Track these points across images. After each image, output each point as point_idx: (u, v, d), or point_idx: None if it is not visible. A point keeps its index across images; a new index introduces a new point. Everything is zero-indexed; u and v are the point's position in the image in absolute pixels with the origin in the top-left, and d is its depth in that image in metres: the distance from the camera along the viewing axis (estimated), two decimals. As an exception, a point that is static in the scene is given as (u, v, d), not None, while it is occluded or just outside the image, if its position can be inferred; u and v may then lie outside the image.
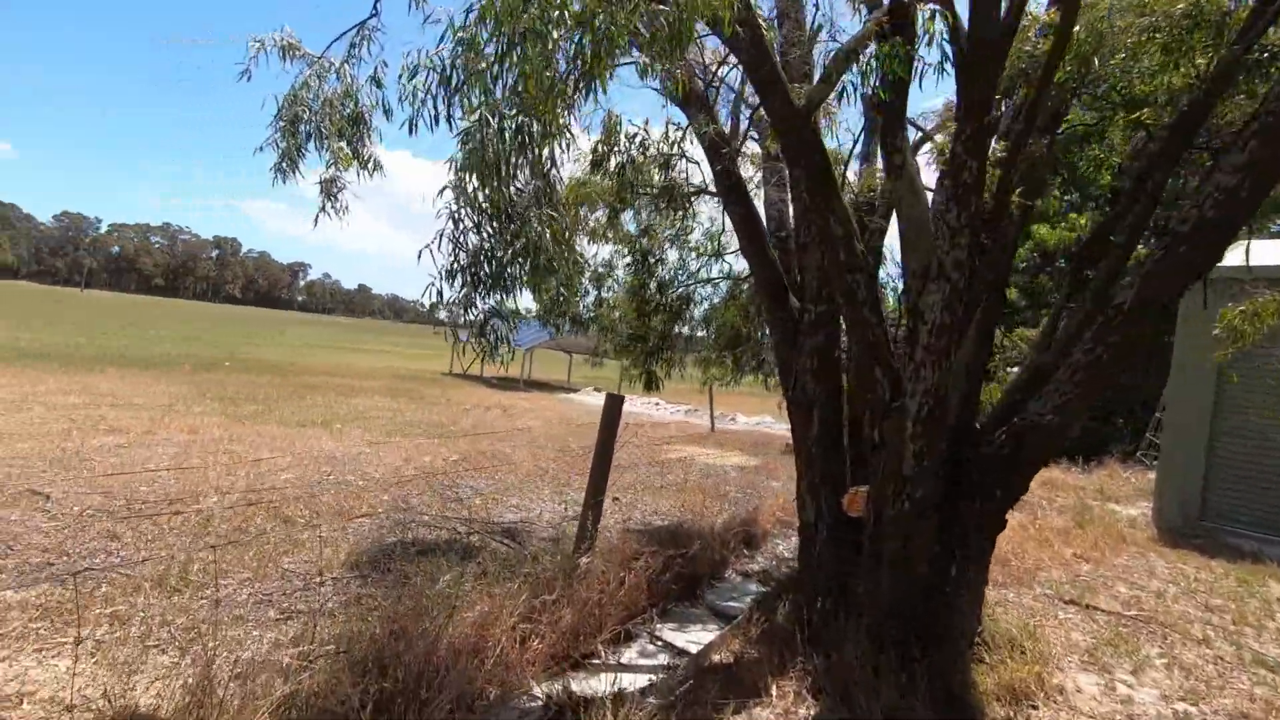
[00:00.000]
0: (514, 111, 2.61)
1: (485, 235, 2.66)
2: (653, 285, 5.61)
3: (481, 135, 2.44)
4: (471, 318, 2.93)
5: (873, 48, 3.27)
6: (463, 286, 2.76)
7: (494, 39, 2.39)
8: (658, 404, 23.93)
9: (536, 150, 2.49)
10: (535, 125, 2.46)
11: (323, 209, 3.92)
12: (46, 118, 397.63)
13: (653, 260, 5.54)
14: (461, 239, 2.69)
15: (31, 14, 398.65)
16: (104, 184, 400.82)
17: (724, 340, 6.01)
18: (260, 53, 3.74)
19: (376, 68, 3.65)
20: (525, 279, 2.73)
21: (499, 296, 2.81)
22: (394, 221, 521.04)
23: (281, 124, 3.76)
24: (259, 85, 3.94)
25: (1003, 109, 3.96)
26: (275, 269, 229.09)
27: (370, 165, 3.92)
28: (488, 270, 2.72)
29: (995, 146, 3.85)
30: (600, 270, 6.53)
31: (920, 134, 5.46)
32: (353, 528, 6.09)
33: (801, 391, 4.26)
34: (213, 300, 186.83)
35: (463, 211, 2.62)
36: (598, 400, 23.56)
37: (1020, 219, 3.70)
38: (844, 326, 4.35)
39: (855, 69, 3.33)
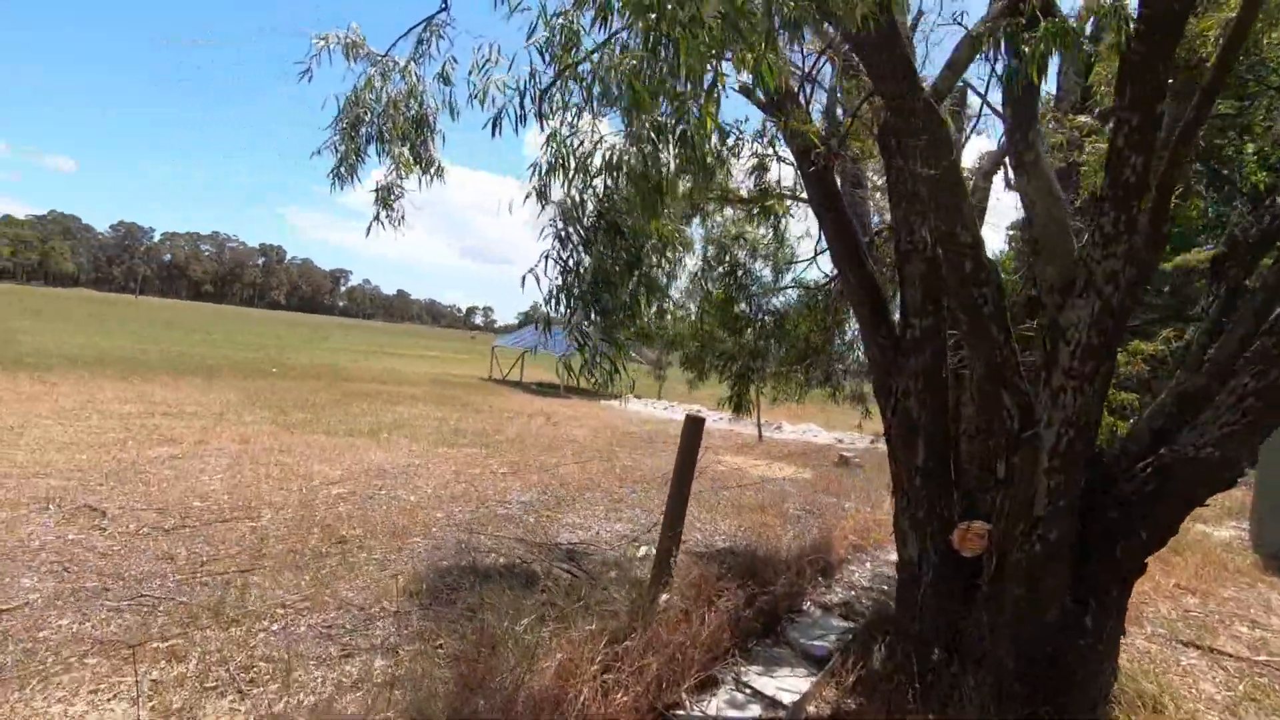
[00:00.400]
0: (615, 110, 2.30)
1: (599, 253, 2.35)
2: (742, 299, 5.24)
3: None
4: (579, 342, 2.62)
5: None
6: (570, 310, 2.45)
7: (599, 21, 2.07)
8: (699, 411, 23.50)
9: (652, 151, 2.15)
10: (643, 126, 2.13)
11: (376, 218, 3.66)
12: (104, 130, 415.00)
13: (740, 272, 5.18)
14: (568, 258, 2.38)
15: (87, 31, 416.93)
16: (158, 193, 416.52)
17: (795, 354, 5.62)
18: (323, 50, 3.50)
19: (445, 64, 3.37)
20: (639, 300, 2.41)
21: (606, 317, 2.50)
22: (430, 228, 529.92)
23: (342, 126, 3.52)
24: (320, 85, 3.70)
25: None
26: (318, 275, 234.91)
27: (433, 171, 3.64)
28: (592, 290, 2.41)
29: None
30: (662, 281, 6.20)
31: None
32: (408, 549, 5.86)
33: (904, 415, 3.85)
34: (258, 305, 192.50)
35: (571, 229, 2.31)
36: (640, 407, 23.22)
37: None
38: (946, 345, 3.94)
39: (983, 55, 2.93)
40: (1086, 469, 3.25)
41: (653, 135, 2.01)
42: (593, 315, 2.79)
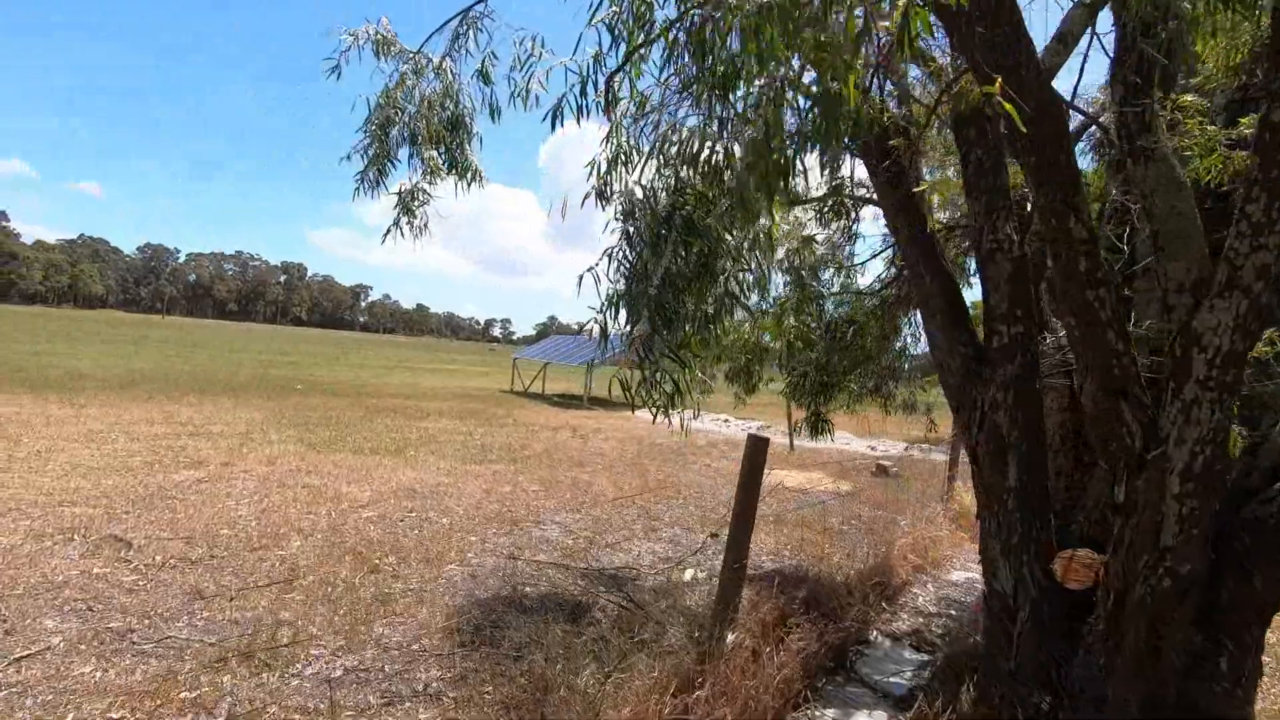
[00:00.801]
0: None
1: (672, 254, 2.03)
2: (812, 308, 4.89)
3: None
4: (639, 356, 2.31)
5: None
6: (631, 320, 2.13)
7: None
8: (726, 420, 23.09)
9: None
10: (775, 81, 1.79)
11: (395, 224, 3.38)
12: (130, 155, 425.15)
13: (809, 278, 4.85)
14: (634, 259, 2.07)
15: (111, 58, 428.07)
16: (183, 215, 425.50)
17: (849, 363, 5.26)
18: (353, 47, 3.24)
19: (484, 60, 3.09)
20: (721, 312, 2.09)
21: (672, 330, 2.18)
22: (447, 240, 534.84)
23: (372, 128, 3.25)
24: (350, 85, 3.43)
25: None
26: (338, 291, 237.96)
27: (470, 176, 3.35)
28: (658, 299, 2.09)
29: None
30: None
31: (1083, 118, 4.63)
32: (445, 577, 5.56)
33: (992, 430, 3.48)
34: (280, 322, 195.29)
35: (635, 227, 2.00)
36: (663, 418, 22.94)
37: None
38: (1037, 354, 3.57)
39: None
40: (1222, 491, 2.86)
41: (783, 94, 1.68)
42: (658, 327, 2.46)
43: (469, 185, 3.36)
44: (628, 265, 2.18)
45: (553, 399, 27.50)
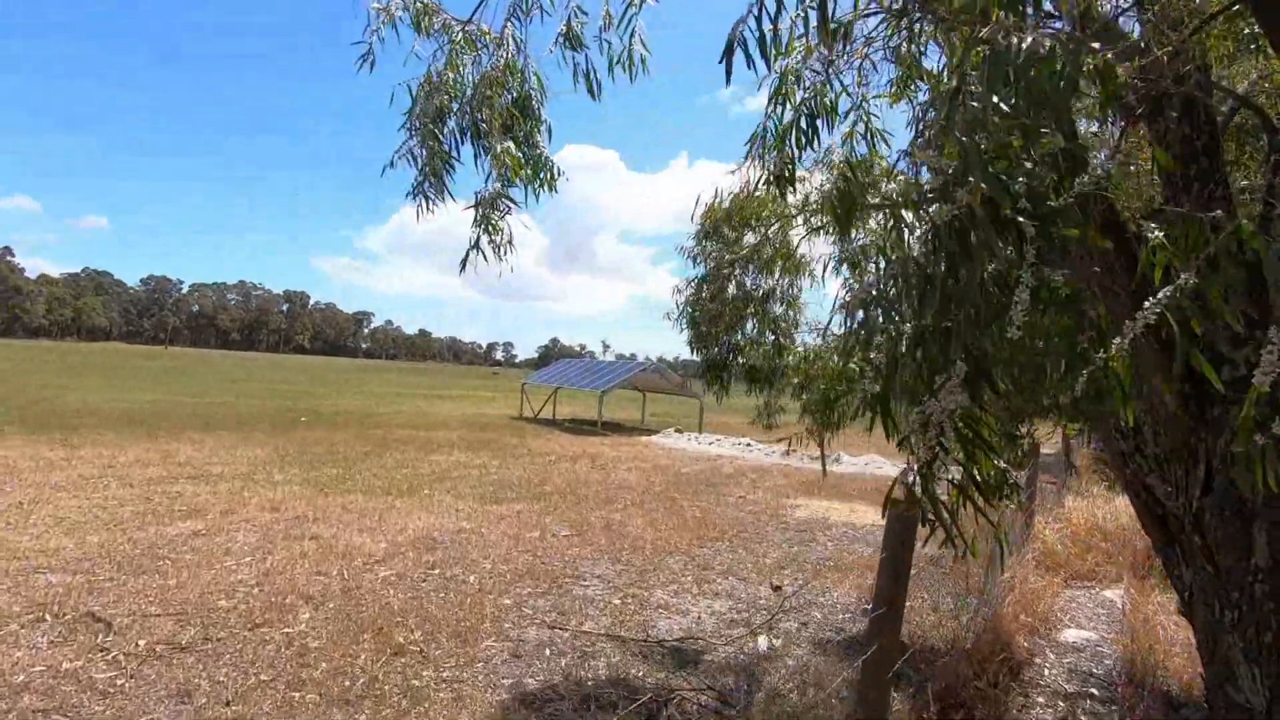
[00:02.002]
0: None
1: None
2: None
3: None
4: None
5: None
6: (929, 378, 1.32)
7: None
8: (749, 444, 22.18)
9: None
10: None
11: (475, 246, 2.57)
12: (134, 188, 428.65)
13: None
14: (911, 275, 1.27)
15: (111, 90, 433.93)
16: (186, 246, 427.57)
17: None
18: (387, 23, 2.46)
19: (570, 18, 2.30)
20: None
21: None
22: (448, 269, 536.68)
23: (421, 121, 2.45)
24: (381, 79, 2.66)
25: None
26: (341, 318, 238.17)
27: (546, 176, 2.55)
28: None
29: None
30: (765, 304, 5.07)
31: (1235, 103, 3.85)
32: (482, 658, 4.69)
33: (1224, 494, 2.66)
34: (284, 350, 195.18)
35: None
36: (685, 443, 21.99)
37: None
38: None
39: None
40: None
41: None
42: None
43: (544, 188, 2.56)
44: (897, 286, 1.40)
45: (564, 424, 26.62)
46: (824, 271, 5.53)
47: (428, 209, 2.44)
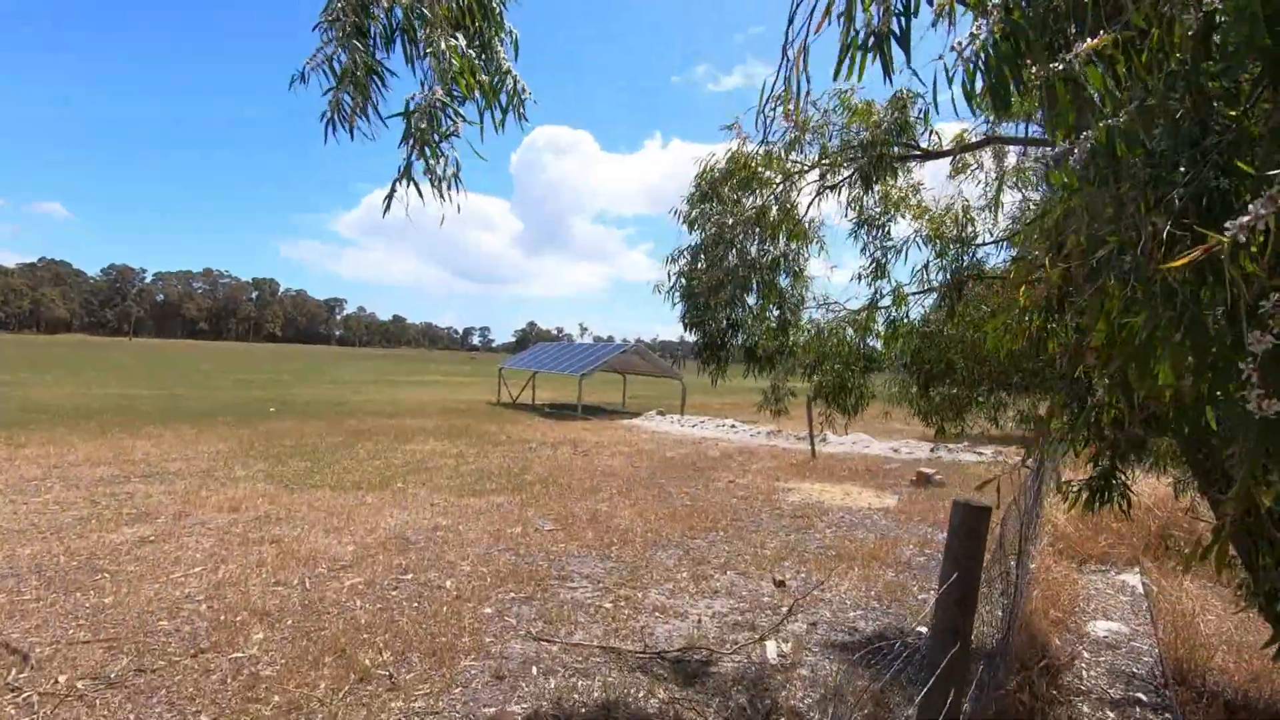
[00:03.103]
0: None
1: None
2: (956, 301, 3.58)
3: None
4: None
5: None
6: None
7: None
8: (733, 425, 21.79)
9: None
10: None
11: (406, 174, 1.96)
12: (91, 173, 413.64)
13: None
14: None
15: (68, 74, 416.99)
16: (149, 234, 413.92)
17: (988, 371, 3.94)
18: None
19: None
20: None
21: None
22: (422, 254, 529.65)
23: (342, 18, 1.84)
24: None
25: None
26: (312, 305, 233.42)
27: (517, 95, 1.95)
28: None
29: None
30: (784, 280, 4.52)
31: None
32: (460, 682, 4.13)
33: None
34: (254, 339, 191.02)
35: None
36: (667, 426, 21.53)
37: None
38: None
39: None
40: None
41: None
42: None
43: (510, 113, 1.97)
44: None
45: (544, 410, 26.01)
46: (836, 238, 4.99)
47: (348, 133, 1.85)
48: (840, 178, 3.89)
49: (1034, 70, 1.50)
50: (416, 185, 1.90)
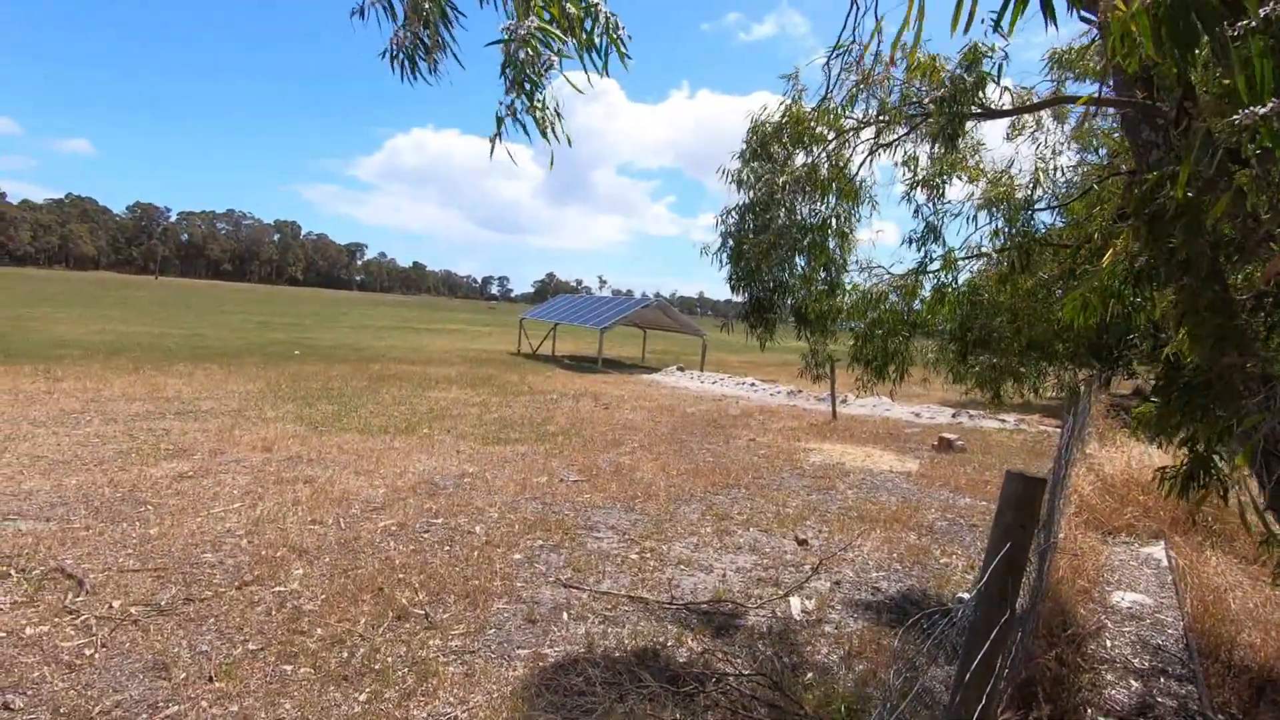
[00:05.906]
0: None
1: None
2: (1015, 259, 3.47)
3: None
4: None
5: None
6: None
7: None
8: (753, 384, 21.78)
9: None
10: None
11: (511, 111, 1.89)
12: (119, 111, 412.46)
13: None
14: None
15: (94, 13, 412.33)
16: (173, 172, 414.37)
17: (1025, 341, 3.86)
18: None
19: None
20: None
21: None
22: (443, 200, 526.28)
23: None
24: None
25: None
26: (333, 250, 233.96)
27: (618, 38, 1.86)
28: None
29: None
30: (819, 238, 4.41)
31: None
32: (494, 623, 4.26)
33: None
34: (276, 282, 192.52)
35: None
36: (687, 381, 21.58)
37: None
38: None
39: None
40: None
41: None
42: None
43: (611, 54, 1.85)
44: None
45: (564, 361, 26.13)
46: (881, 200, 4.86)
47: (414, 73, 1.78)
48: (895, 135, 3.75)
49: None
50: (521, 123, 1.83)
